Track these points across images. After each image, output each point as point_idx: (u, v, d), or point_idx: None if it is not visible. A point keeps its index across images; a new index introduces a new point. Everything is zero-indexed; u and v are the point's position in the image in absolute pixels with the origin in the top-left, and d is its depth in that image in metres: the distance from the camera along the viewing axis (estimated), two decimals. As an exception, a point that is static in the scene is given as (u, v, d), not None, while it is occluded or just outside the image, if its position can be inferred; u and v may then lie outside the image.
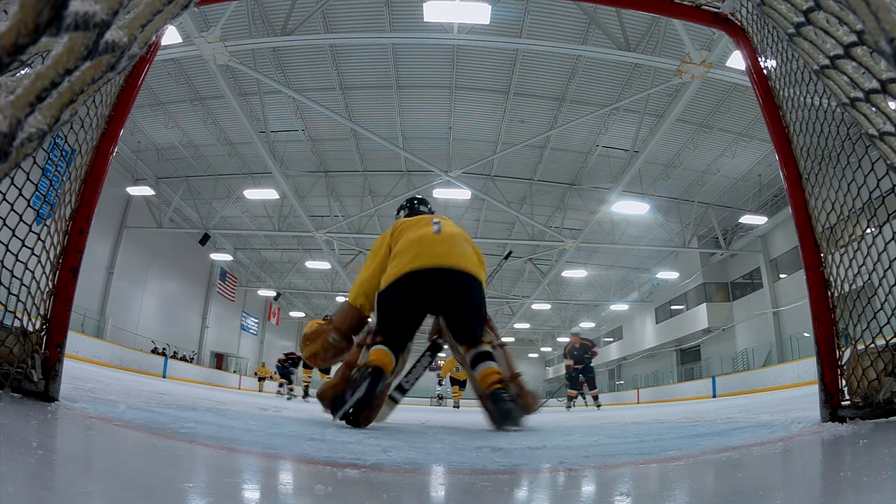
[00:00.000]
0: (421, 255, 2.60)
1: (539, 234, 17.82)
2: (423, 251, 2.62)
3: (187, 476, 0.92)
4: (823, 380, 1.71)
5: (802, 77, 1.75)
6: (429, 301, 2.66)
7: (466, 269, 2.66)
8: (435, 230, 2.75)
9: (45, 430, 1.15)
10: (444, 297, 2.64)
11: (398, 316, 2.59)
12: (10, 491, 0.58)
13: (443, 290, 2.62)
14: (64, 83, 0.49)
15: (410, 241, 2.68)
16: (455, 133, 14.57)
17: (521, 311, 27.50)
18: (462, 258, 2.68)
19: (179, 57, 10.60)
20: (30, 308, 1.52)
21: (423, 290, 2.60)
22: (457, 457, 1.36)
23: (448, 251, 2.66)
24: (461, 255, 2.69)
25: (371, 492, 0.87)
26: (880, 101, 0.99)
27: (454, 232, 2.82)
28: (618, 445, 1.69)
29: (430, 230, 2.75)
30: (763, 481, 0.91)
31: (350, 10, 10.53)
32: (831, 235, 1.74)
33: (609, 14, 9.87)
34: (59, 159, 1.70)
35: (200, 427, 1.65)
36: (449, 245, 2.69)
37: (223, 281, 24.62)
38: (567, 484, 1.00)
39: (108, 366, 13.16)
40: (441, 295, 2.63)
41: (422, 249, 2.63)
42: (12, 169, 0.52)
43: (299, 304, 33.83)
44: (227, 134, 15.23)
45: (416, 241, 2.67)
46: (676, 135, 14.10)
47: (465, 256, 2.70)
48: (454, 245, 2.71)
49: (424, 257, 2.60)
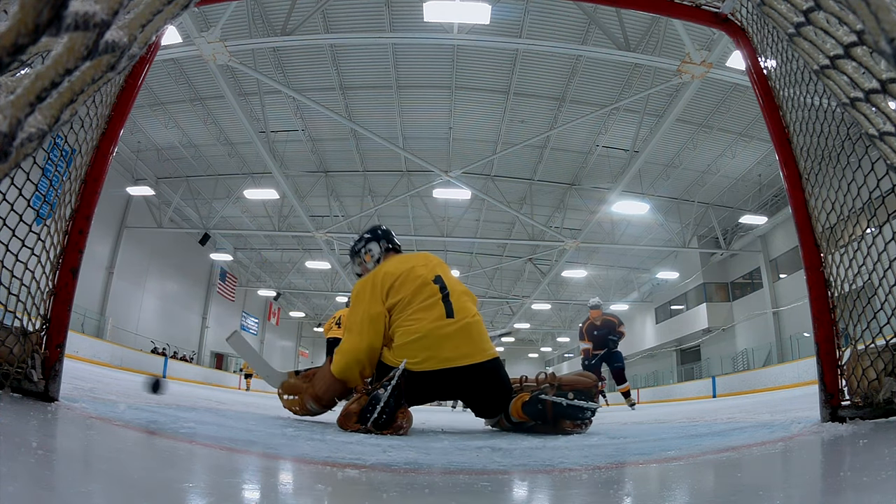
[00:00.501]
0: (438, 358, 2.26)
1: (539, 234, 17.82)
2: (440, 352, 2.27)
3: (187, 476, 0.92)
4: (823, 380, 1.71)
5: (802, 77, 1.75)
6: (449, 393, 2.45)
7: (491, 355, 2.38)
8: (447, 314, 2.35)
9: (45, 430, 1.15)
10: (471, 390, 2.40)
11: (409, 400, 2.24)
12: (10, 491, 0.58)
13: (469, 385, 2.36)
14: (64, 83, 0.49)
15: (422, 333, 2.29)
16: (455, 133, 14.57)
17: (521, 311, 27.50)
18: (482, 351, 2.35)
19: (179, 57, 10.60)
20: (30, 308, 1.52)
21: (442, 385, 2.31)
22: (457, 457, 1.36)
23: (469, 350, 2.32)
24: (480, 346, 2.36)
25: (371, 492, 0.87)
26: (880, 101, 0.99)
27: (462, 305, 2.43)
28: (618, 445, 1.69)
29: (441, 315, 2.34)
30: (763, 481, 0.91)
31: (350, 10, 10.53)
32: (831, 235, 1.74)
33: (609, 14, 9.87)
34: (59, 159, 1.70)
35: (200, 427, 1.65)
36: (465, 336, 2.33)
37: (223, 281, 24.62)
38: (567, 484, 1.00)
39: (108, 366, 13.16)
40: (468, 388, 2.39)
41: (438, 349, 2.27)
42: (12, 169, 0.52)
43: (299, 304, 33.84)
44: (227, 134, 15.24)
45: (430, 336, 2.29)
46: (676, 135, 14.11)
47: (484, 339, 2.39)
48: (471, 334, 2.35)
49: (442, 360, 2.27)
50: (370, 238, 2.78)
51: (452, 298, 2.41)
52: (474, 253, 22.94)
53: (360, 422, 2.04)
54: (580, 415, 2.26)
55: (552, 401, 2.26)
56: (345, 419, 2.09)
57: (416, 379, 2.22)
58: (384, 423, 2.02)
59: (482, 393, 2.41)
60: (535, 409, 2.29)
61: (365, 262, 2.77)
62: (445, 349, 2.28)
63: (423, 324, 2.31)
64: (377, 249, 2.75)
